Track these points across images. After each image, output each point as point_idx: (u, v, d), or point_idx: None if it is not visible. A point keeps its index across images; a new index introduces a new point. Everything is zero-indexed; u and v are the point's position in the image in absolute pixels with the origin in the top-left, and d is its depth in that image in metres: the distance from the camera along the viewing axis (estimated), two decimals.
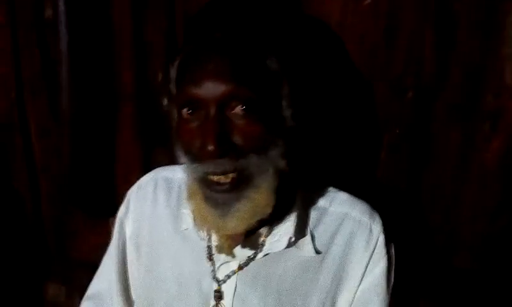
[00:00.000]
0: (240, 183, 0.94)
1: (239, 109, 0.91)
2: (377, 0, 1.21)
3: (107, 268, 1.24)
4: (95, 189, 1.57)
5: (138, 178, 1.24)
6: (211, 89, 0.89)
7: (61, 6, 1.43)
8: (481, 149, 1.24)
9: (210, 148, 0.88)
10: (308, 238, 1.06)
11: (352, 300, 1.06)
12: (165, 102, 1.06)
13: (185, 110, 0.94)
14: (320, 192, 1.12)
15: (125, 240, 1.21)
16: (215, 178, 0.93)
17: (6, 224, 1.81)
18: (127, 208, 1.22)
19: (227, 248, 1.01)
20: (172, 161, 1.11)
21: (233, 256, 1.04)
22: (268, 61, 0.94)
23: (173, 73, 1.00)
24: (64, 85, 1.47)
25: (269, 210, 0.96)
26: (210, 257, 1.09)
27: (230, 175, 0.92)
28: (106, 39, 1.46)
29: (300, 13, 1.27)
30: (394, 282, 1.09)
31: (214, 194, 0.95)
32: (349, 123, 1.32)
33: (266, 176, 0.95)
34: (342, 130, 1.32)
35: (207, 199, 0.96)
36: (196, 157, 0.94)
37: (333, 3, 1.24)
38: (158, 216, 1.17)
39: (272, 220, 1.04)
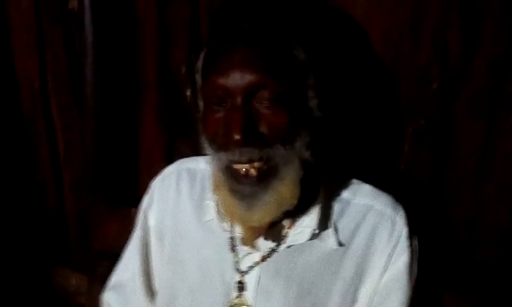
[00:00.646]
0: (267, 175, 0.94)
1: (265, 99, 0.91)
2: None
3: (130, 259, 1.25)
4: (118, 179, 1.58)
5: (161, 169, 1.25)
6: (238, 79, 0.89)
7: None
8: (505, 141, 1.23)
9: (237, 137, 0.89)
10: (331, 230, 1.06)
11: (375, 292, 1.06)
12: (188, 93, 1.06)
13: (211, 100, 0.94)
14: (344, 184, 1.12)
15: (149, 230, 1.22)
16: (242, 170, 0.94)
17: (30, 214, 1.83)
18: (151, 199, 1.22)
19: (251, 240, 1.01)
20: (195, 152, 1.11)
21: (254, 247, 1.04)
22: (295, 52, 0.95)
23: (199, 63, 1.01)
24: (89, 76, 1.48)
25: (294, 202, 0.97)
26: (233, 248, 1.09)
27: (256, 165, 0.93)
28: (130, 30, 1.47)
29: (325, 5, 1.26)
30: (417, 275, 1.08)
31: (241, 187, 0.95)
32: (373, 114, 1.31)
33: (292, 167, 0.95)
34: (366, 121, 1.32)
35: (233, 192, 0.97)
36: (221, 146, 0.95)
37: None
38: (181, 207, 1.17)
39: (296, 212, 1.04)
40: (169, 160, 1.27)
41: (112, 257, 1.31)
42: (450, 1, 1.18)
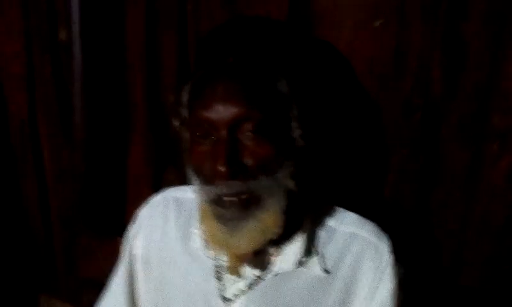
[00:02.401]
0: (250, 204, 0.95)
1: (249, 131, 0.92)
2: (387, 23, 1.22)
3: (115, 287, 1.25)
4: (106, 208, 1.58)
5: (148, 198, 1.25)
6: (222, 112, 0.90)
7: (75, 29, 1.45)
8: (489, 169, 1.24)
9: (222, 169, 0.89)
10: (316, 258, 1.06)
11: None
12: (176, 123, 1.07)
13: (197, 132, 0.95)
14: (329, 212, 1.12)
15: (134, 258, 1.22)
16: (227, 199, 0.94)
17: (16, 243, 1.82)
18: (137, 227, 1.22)
19: (235, 267, 1.01)
20: (183, 181, 1.11)
21: (239, 276, 1.04)
22: (278, 84, 0.96)
23: (184, 96, 1.01)
24: (77, 106, 1.49)
25: (278, 231, 0.97)
26: (218, 276, 1.09)
27: (242, 197, 0.94)
28: (119, 60, 1.49)
29: (310, 36, 1.28)
30: (402, 302, 1.08)
31: (224, 211, 0.96)
32: (358, 142, 1.32)
33: (275, 198, 0.96)
34: (350, 150, 1.33)
35: (218, 217, 0.97)
36: (207, 178, 0.95)
37: (342, 26, 1.25)
38: (168, 235, 1.18)
39: (281, 240, 1.04)
40: (157, 190, 1.27)
41: (99, 286, 1.30)
42: (433, 31, 1.20)
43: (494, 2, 1.14)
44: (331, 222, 1.10)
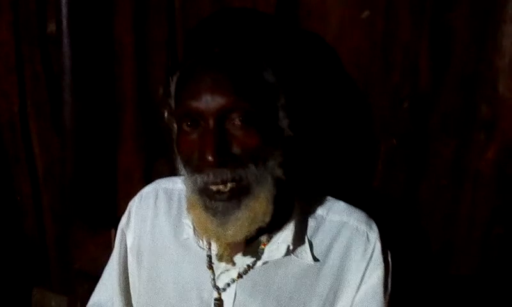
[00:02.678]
0: (239, 193, 0.96)
1: (237, 121, 0.93)
2: (374, 15, 1.23)
3: (108, 279, 1.26)
4: (97, 200, 1.58)
5: (139, 190, 1.26)
6: (210, 102, 0.91)
7: (64, 21, 1.45)
8: (476, 158, 1.25)
9: (210, 158, 0.91)
10: (306, 246, 1.08)
11: None
12: (166, 114, 1.08)
13: (185, 123, 0.96)
14: (318, 201, 1.14)
15: (127, 250, 1.23)
16: (214, 187, 0.95)
17: (9, 236, 1.83)
18: (129, 218, 1.23)
19: (226, 256, 1.02)
20: (173, 172, 1.12)
21: (233, 264, 1.05)
22: (265, 74, 0.97)
23: (172, 87, 1.03)
24: (67, 98, 1.49)
25: (267, 219, 0.98)
26: (210, 266, 1.10)
27: (229, 185, 0.95)
28: (108, 53, 1.49)
29: (296, 27, 1.29)
30: (391, 289, 1.10)
31: (214, 203, 0.97)
32: (347, 133, 1.34)
33: (264, 186, 0.97)
34: (339, 139, 1.35)
35: (207, 208, 0.98)
36: (195, 167, 0.97)
37: (330, 18, 1.26)
38: (159, 226, 1.19)
39: (272, 228, 1.06)
40: (148, 181, 1.28)
41: (92, 278, 1.31)
42: (420, 22, 1.21)
43: None
44: (320, 211, 1.12)
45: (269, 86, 0.97)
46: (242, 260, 1.07)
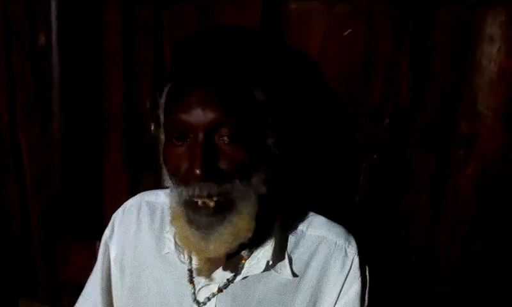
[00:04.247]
0: (224, 208, 0.97)
1: (225, 136, 0.94)
2: (355, 32, 1.26)
3: (91, 290, 1.26)
4: (84, 212, 1.59)
5: (125, 201, 1.27)
6: (200, 116, 0.92)
7: (54, 35, 1.47)
8: (456, 174, 1.27)
9: (197, 172, 0.91)
10: (285, 261, 1.09)
11: None
12: (152, 127, 1.09)
13: (173, 135, 0.97)
14: (299, 216, 1.15)
15: (110, 262, 1.24)
16: (200, 201, 0.96)
17: None
18: (112, 231, 1.24)
19: (206, 271, 1.03)
20: (159, 184, 1.13)
21: (211, 279, 1.06)
22: (255, 92, 0.98)
23: (162, 99, 1.03)
24: (56, 110, 1.50)
25: (249, 235, 0.99)
26: (191, 280, 1.11)
27: (214, 199, 0.96)
28: (96, 66, 1.50)
29: (283, 45, 1.31)
30: (369, 304, 1.10)
31: (198, 217, 0.98)
32: (329, 149, 1.35)
33: (248, 202, 0.98)
34: (321, 155, 1.36)
35: (191, 221, 0.99)
36: (182, 180, 0.97)
37: (313, 35, 1.29)
38: (141, 239, 1.20)
39: (252, 243, 1.07)
40: (134, 193, 1.29)
41: (78, 288, 1.31)
42: (401, 40, 1.23)
43: (459, 13, 1.18)
44: (300, 226, 1.13)
45: (259, 104, 0.99)
46: (222, 275, 1.08)
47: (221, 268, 1.08)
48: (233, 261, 1.08)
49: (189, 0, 1.36)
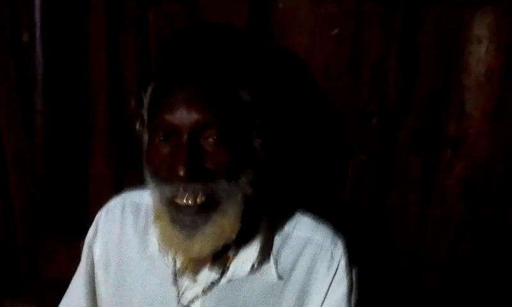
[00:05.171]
0: (208, 207, 0.96)
1: (210, 137, 0.93)
2: (343, 31, 1.25)
3: (75, 289, 1.24)
4: (68, 210, 1.58)
5: (110, 199, 1.25)
6: (185, 117, 0.91)
7: (38, 31, 1.45)
8: (443, 174, 1.27)
9: (181, 173, 0.90)
10: (271, 264, 1.08)
11: None
12: (137, 126, 1.08)
13: (157, 136, 0.96)
14: (285, 217, 1.14)
15: (94, 263, 1.22)
16: (183, 200, 0.95)
17: None
18: (96, 230, 1.22)
19: (190, 271, 1.03)
20: (144, 183, 1.12)
21: (195, 281, 1.06)
22: (241, 92, 0.97)
23: (146, 99, 1.02)
24: (39, 107, 1.49)
25: (234, 235, 0.98)
26: (175, 281, 1.10)
27: (198, 199, 0.94)
28: (80, 63, 1.49)
29: (270, 43, 1.30)
30: (359, 305, 1.10)
31: (182, 216, 0.96)
32: (317, 149, 1.35)
33: (234, 202, 0.97)
34: (309, 156, 1.35)
35: (174, 221, 0.98)
36: (165, 179, 0.96)
37: (301, 33, 1.28)
38: (126, 239, 1.18)
39: (238, 245, 1.06)
40: (119, 192, 1.27)
41: (63, 288, 1.30)
42: (388, 40, 1.23)
43: (447, 13, 1.17)
44: (286, 227, 1.12)
45: (245, 104, 0.97)
46: (206, 277, 1.07)
47: (205, 270, 1.07)
48: (218, 262, 1.07)
49: None
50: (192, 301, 1.08)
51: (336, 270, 1.08)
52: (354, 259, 1.11)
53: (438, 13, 1.18)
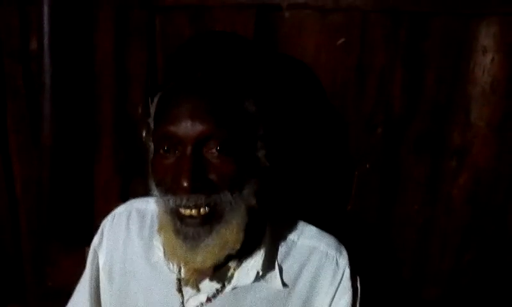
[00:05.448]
0: (212, 218, 0.96)
1: (214, 149, 0.93)
2: (349, 41, 1.25)
3: (80, 297, 1.25)
4: (74, 218, 1.58)
5: (116, 208, 1.26)
6: (189, 128, 0.91)
7: (46, 39, 1.46)
8: (448, 184, 1.28)
9: (185, 184, 0.90)
10: (276, 271, 1.08)
11: None
12: (143, 134, 1.08)
13: (162, 146, 0.96)
14: (290, 226, 1.14)
15: (98, 269, 1.23)
16: (187, 211, 0.95)
17: None
18: (101, 238, 1.23)
19: (192, 282, 1.03)
20: (150, 191, 1.13)
21: (198, 289, 1.06)
22: (246, 103, 0.97)
23: (152, 108, 1.02)
24: (47, 115, 1.49)
25: (237, 247, 0.98)
26: (179, 289, 1.10)
27: (202, 210, 0.94)
28: (88, 72, 1.50)
29: (276, 53, 1.30)
30: None
31: (185, 228, 0.97)
32: (322, 158, 1.35)
33: (238, 213, 0.97)
34: (314, 165, 1.35)
35: (178, 232, 0.98)
36: (169, 189, 0.96)
37: (307, 44, 1.28)
38: (131, 247, 1.19)
39: (242, 254, 1.05)
40: (125, 200, 1.28)
41: (67, 295, 1.30)
42: (394, 51, 1.23)
43: (452, 23, 1.18)
44: (291, 236, 1.12)
45: (249, 115, 0.97)
46: (210, 285, 1.07)
47: (207, 279, 1.07)
48: (221, 271, 1.07)
49: (182, 8, 1.35)
50: None
51: (341, 279, 1.08)
52: (357, 269, 1.11)
53: (444, 23, 1.19)
